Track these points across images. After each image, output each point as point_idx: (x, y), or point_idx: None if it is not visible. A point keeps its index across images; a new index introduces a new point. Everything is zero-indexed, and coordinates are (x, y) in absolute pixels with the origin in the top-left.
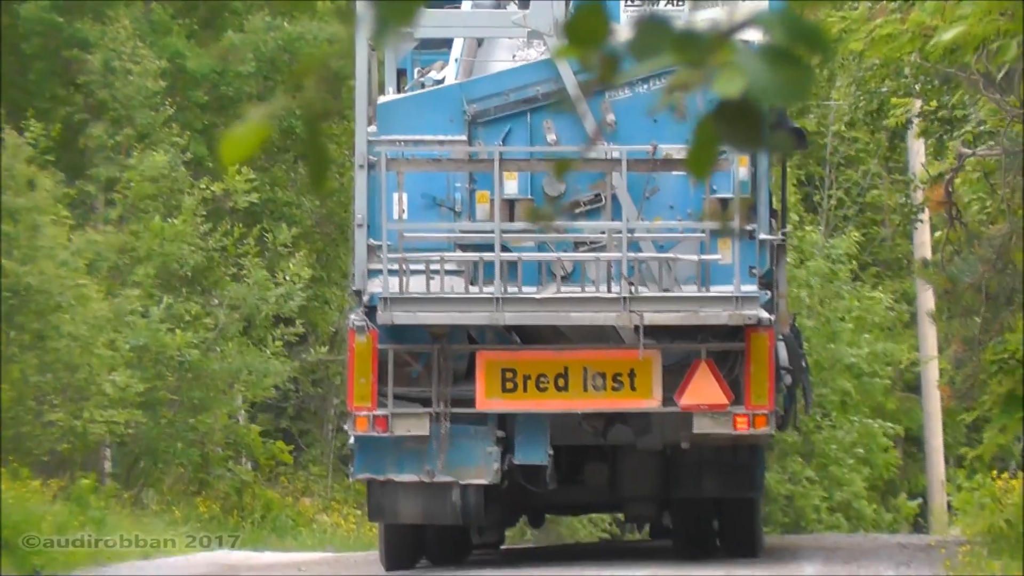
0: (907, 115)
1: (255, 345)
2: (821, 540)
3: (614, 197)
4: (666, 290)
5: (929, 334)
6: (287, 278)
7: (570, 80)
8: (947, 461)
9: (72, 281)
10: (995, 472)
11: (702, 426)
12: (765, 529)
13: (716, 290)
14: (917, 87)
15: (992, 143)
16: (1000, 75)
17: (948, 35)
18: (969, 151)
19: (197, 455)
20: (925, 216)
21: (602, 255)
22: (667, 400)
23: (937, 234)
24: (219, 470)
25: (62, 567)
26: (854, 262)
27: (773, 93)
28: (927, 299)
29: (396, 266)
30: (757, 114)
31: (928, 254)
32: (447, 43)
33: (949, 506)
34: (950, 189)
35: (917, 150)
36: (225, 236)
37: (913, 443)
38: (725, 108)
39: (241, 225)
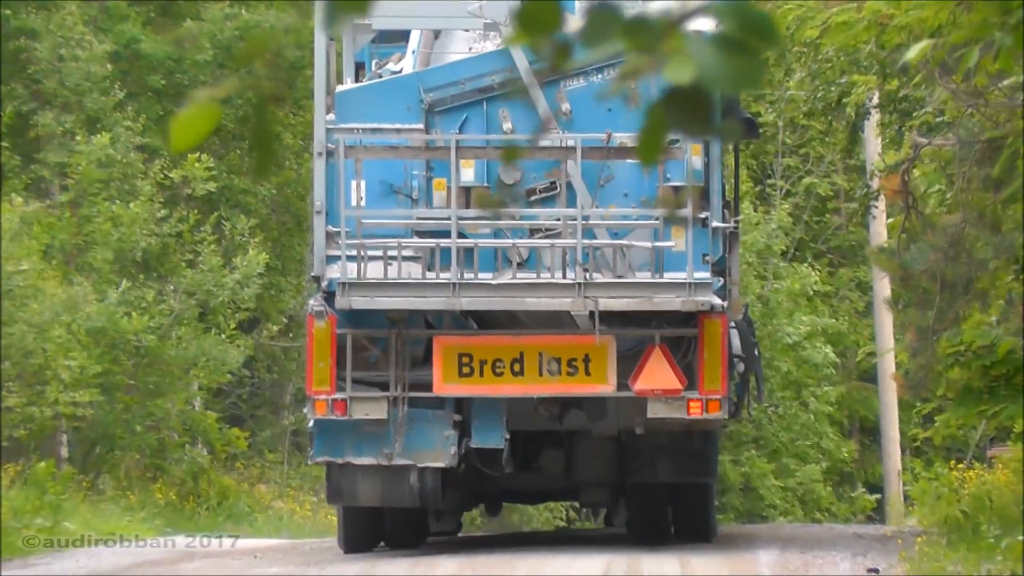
0: (868, 94)
1: (211, 331)
2: (777, 530)
3: (569, 185)
4: (620, 277)
5: (885, 323)
6: (244, 264)
7: (524, 68)
8: (903, 451)
9: (28, 265)
10: (952, 462)
11: (656, 411)
12: (722, 517)
13: (670, 277)
14: (873, 76)
15: (949, 133)
16: (962, 68)
17: (913, 52)
18: (925, 140)
19: (154, 439)
20: (881, 205)
21: (557, 242)
22: (621, 385)
23: (890, 220)
24: (175, 455)
25: (18, 552)
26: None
27: (724, 81)
28: (883, 287)
29: (354, 252)
30: (707, 101)
31: (883, 239)
32: (405, 36)
33: (905, 496)
34: (906, 178)
35: (874, 139)
36: (180, 222)
37: (869, 434)
38: (675, 95)
39: (197, 212)
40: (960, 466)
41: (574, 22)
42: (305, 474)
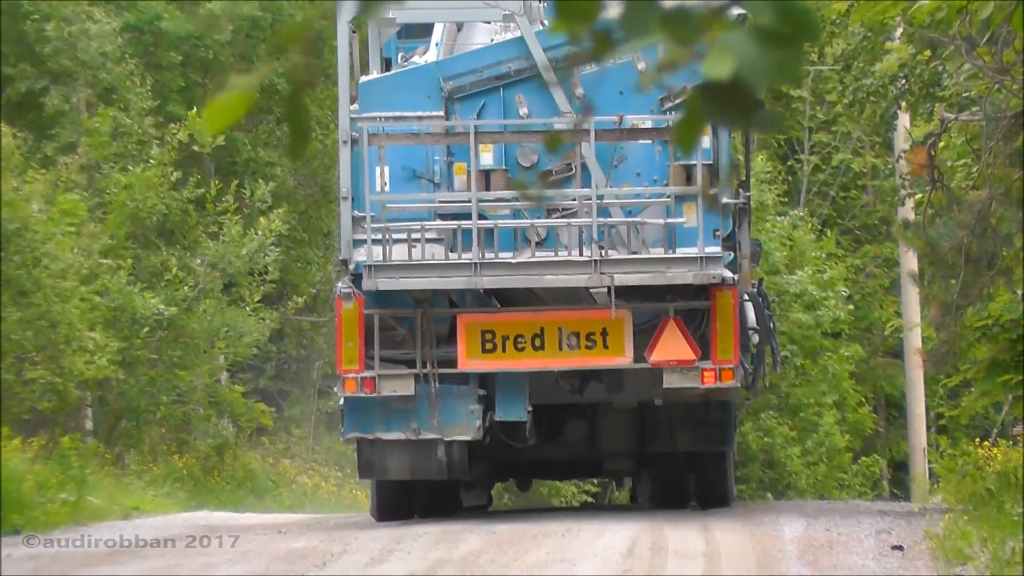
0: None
1: (234, 304)
2: (803, 506)
3: (584, 166)
4: (635, 253)
5: (912, 299)
6: (259, 233)
7: (539, 55)
8: (928, 429)
9: (56, 229)
10: (977, 439)
11: (672, 381)
12: (744, 488)
13: (682, 252)
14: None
15: (976, 108)
16: (985, 39)
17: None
18: (952, 115)
19: (179, 412)
20: (909, 186)
21: (574, 221)
22: (638, 357)
23: (918, 196)
24: (201, 428)
25: (42, 526)
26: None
27: (763, 74)
28: (910, 262)
29: (379, 236)
30: (746, 94)
31: (911, 217)
32: (429, 30)
33: (930, 473)
34: (932, 153)
35: (903, 123)
36: (199, 187)
37: (895, 409)
38: (714, 85)
39: (218, 181)
40: (986, 443)
41: (613, 10)
42: (330, 448)
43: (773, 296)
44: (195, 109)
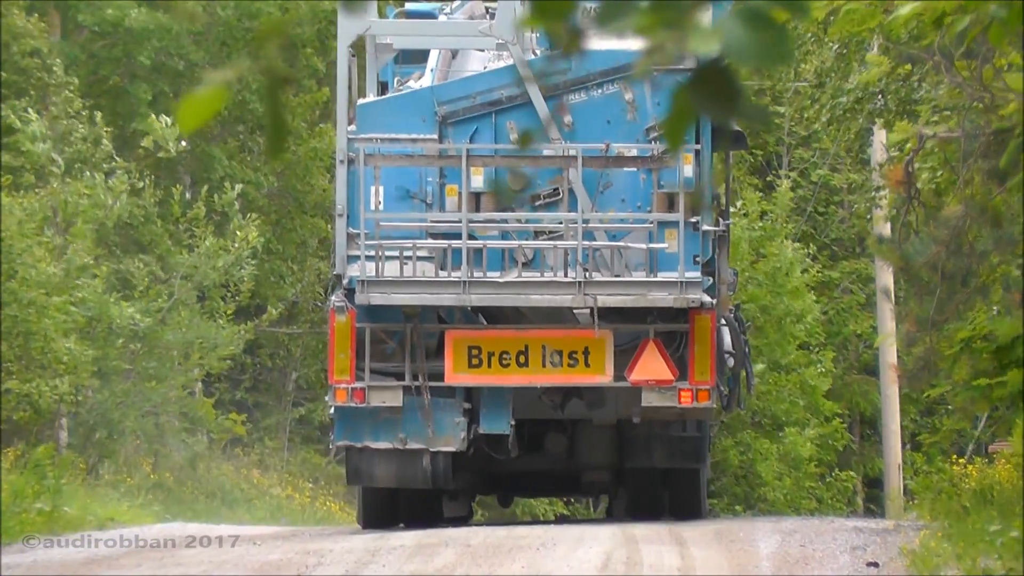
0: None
1: (207, 316)
2: (778, 523)
3: (571, 191)
4: (617, 275)
5: (887, 315)
6: (235, 245)
7: (527, 76)
8: (903, 445)
9: (31, 241)
10: (953, 456)
11: (650, 400)
12: (717, 501)
13: (663, 276)
14: (882, 82)
15: (954, 124)
16: (960, 52)
17: (905, 9)
18: (930, 132)
19: (151, 425)
20: (884, 200)
21: (560, 243)
22: (618, 376)
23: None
24: (174, 441)
25: (16, 536)
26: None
27: (751, 56)
28: (884, 278)
29: (373, 252)
30: (732, 83)
31: (886, 233)
32: (425, 57)
33: (905, 490)
34: (910, 169)
35: (879, 139)
36: (163, 193)
37: (869, 426)
38: (701, 76)
39: (181, 187)
40: (961, 460)
41: (589, 6)
42: (305, 460)
43: (756, 313)
44: (153, 116)
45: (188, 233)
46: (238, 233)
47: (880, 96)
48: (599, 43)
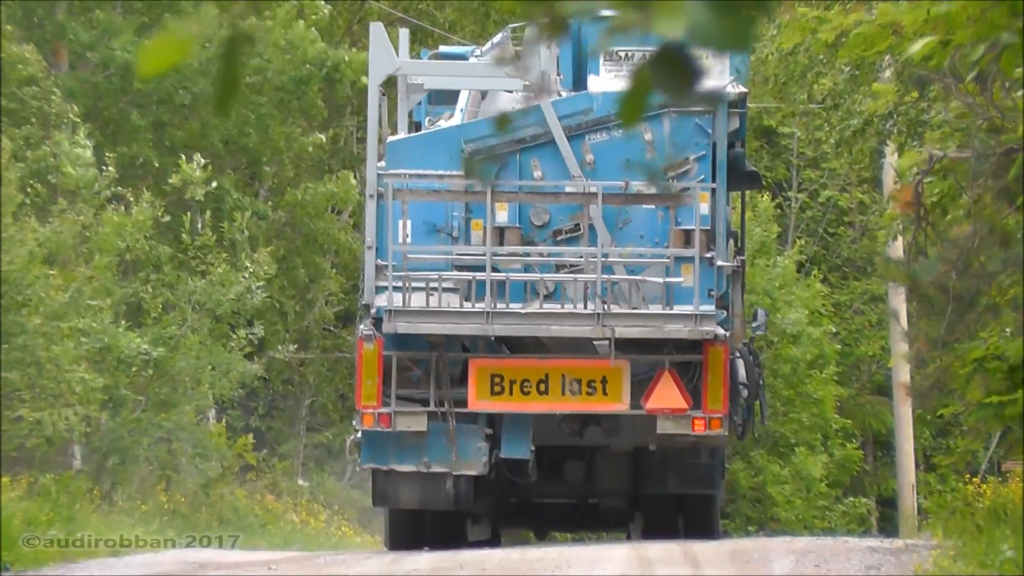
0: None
1: (218, 341)
2: (791, 543)
3: (591, 226)
4: (635, 308)
5: (899, 335)
6: (247, 276)
7: (553, 121)
8: (916, 466)
9: (39, 272)
10: (967, 476)
11: (665, 427)
12: (730, 523)
13: (679, 309)
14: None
15: (964, 145)
16: (971, 76)
17: (917, 46)
18: (940, 153)
19: (164, 451)
20: (900, 225)
21: (580, 277)
22: (635, 404)
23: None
24: (187, 467)
25: (32, 563)
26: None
27: (713, 39)
28: (897, 298)
29: (400, 283)
30: (691, 65)
31: (897, 254)
32: (455, 98)
33: (919, 509)
34: (919, 190)
35: (890, 161)
36: (178, 225)
37: (882, 447)
38: (661, 57)
39: (189, 214)
40: (975, 480)
41: None
42: (319, 485)
43: (772, 336)
44: (183, 158)
45: (197, 260)
46: (248, 264)
47: (891, 117)
48: (620, 85)
